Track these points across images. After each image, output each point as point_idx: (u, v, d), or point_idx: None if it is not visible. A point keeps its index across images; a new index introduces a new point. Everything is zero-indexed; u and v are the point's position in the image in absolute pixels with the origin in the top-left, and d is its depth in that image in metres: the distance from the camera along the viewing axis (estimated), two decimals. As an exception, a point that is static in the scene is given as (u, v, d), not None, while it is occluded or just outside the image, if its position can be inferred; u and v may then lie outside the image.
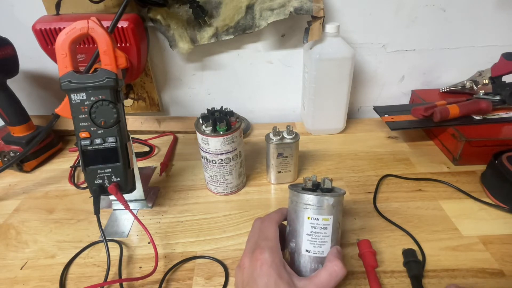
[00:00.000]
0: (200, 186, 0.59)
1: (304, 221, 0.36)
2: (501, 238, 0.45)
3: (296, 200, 0.37)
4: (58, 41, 0.38)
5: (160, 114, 0.80)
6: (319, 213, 0.35)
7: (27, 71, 0.73)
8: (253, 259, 0.34)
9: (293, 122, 0.80)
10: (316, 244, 0.36)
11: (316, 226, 0.36)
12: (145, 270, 0.43)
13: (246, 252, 0.36)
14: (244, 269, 0.34)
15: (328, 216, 0.36)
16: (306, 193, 0.36)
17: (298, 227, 0.36)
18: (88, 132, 0.40)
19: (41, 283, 0.42)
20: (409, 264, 0.41)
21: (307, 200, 0.36)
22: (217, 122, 0.49)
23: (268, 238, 0.36)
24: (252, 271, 0.33)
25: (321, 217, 0.35)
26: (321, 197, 0.35)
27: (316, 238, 0.36)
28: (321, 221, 0.35)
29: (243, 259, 0.35)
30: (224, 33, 0.66)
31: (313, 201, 0.36)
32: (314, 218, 0.35)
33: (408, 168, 0.60)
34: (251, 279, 0.33)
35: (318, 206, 0.35)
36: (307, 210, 0.36)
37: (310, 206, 0.36)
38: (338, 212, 0.36)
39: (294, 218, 0.37)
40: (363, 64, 0.74)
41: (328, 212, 0.36)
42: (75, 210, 0.54)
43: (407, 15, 0.68)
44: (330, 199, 0.35)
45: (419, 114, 0.65)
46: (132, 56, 0.58)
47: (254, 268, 0.33)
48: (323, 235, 0.36)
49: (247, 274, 0.34)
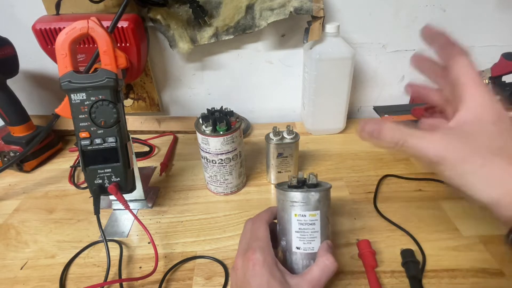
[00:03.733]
0: (200, 186, 0.59)
1: (292, 219, 0.36)
2: (501, 238, 0.45)
3: (282, 198, 0.37)
4: (58, 41, 0.38)
5: (160, 114, 0.80)
6: (305, 209, 0.36)
7: (27, 71, 0.73)
8: (245, 260, 0.34)
9: (293, 122, 0.80)
10: (306, 240, 0.36)
11: (303, 222, 0.36)
12: (145, 270, 0.43)
13: (239, 254, 0.36)
14: (237, 271, 0.35)
15: (315, 211, 0.36)
16: (291, 191, 0.36)
17: (287, 225, 0.37)
18: (88, 132, 0.40)
19: (41, 283, 0.42)
20: (407, 265, 0.41)
21: (292, 198, 0.36)
22: (217, 122, 0.49)
23: (259, 238, 0.36)
24: (245, 272, 0.34)
25: (308, 213, 0.36)
26: (305, 193, 0.36)
27: (305, 234, 0.36)
28: (308, 217, 0.36)
29: (236, 261, 0.36)
30: (224, 33, 0.66)
31: (298, 198, 0.36)
32: (301, 214, 0.36)
33: (408, 168, 0.60)
34: (244, 280, 0.33)
35: (304, 203, 0.36)
36: (293, 207, 0.36)
37: (296, 203, 0.36)
38: (325, 206, 0.37)
39: (282, 216, 0.37)
40: (363, 64, 0.74)
41: (314, 207, 0.36)
42: (75, 210, 0.54)
43: (407, 15, 0.68)
44: (315, 194, 0.36)
45: (419, 114, 0.65)
46: (132, 56, 0.58)
47: (246, 268, 0.33)
48: (312, 230, 0.36)
49: (240, 275, 0.34)
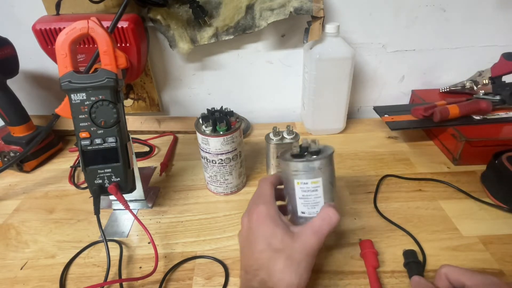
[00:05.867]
0: (200, 186, 0.59)
1: (295, 187, 0.37)
2: (501, 238, 0.45)
3: (285, 168, 0.38)
4: (58, 41, 0.38)
5: (160, 114, 0.80)
6: (307, 177, 0.36)
7: (27, 71, 0.73)
8: (250, 214, 0.36)
9: (293, 122, 0.80)
10: (309, 205, 0.37)
11: (306, 189, 0.37)
12: (145, 270, 0.43)
13: (245, 213, 0.38)
14: (243, 227, 0.37)
15: (317, 179, 0.36)
16: (292, 161, 0.37)
17: (291, 191, 0.38)
18: (88, 132, 0.40)
19: (41, 283, 0.42)
20: (409, 265, 0.41)
21: (294, 167, 0.37)
22: (217, 122, 0.49)
23: (262, 195, 0.37)
24: (249, 225, 0.35)
25: (310, 180, 0.36)
26: (306, 162, 0.36)
27: (309, 200, 0.37)
28: (310, 185, 0.36)
29: (242, 219, 0.38)
30: (224, 33, 0.66)
31: (300, 168, 0.36)
32: (304, 182, 0.36)
33: (408, 168, 0.60)
34: (249, 231, 0.35)
35: (305, 171, 0.36)
36: (296, 176, 0.37)
37: (298, 172, 0.36)
38: (327, 172, 0.37)
39: (287, 183, 0.38)
40: (363, 64, 0.74)
41: (315, 175, 0.36)
42: (75, 210, 0.54)
43: (407, 15, 0.68)
44: (316, 162, 0.36)
45: (419, 114, 0.65)
46: (132, 56, 0.58)
47: (251, 221, 0.35)
48: (315, 196, 0.37)
49: (245, 229, 0.36)
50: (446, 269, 0.32)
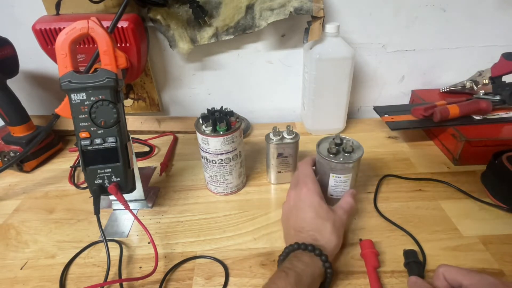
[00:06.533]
0: (200, 186, 0.59)
1: (330, 177, 0.47)
2: (501, 238, 0.45)
3: (322, 162, 0.47)
4: (58, 41, 0.38)
5: (160, 114, 0.80)
6: (341, 173, 0.47)
7: (27, 71, 0.73)
8: (298, 189, 0.45)
9: (293, 122, 0.80)
10: (338, 191, 0.49)
11: (338, 181, 0.47)
12: (145, 270, 0.43)
13: (290, 188, 0.48)
14: (290, 199, 0.46)
15: (348, 174, 0.47)
16: (331, 160, 0.46)
17: (326, 179, 0.48)
18: (88, 132, 0.40)
19: (41, 283, 0.42)
20: (410, 265, 0.41)
21: (332, 165, 0.46)
22: (217, 122, 0.49)
23: (307, 175, 0.46)
24: (298, 196, 0.44)
25: (343, 175, 0.47)
26: (343, 164, 0.46)
27: (338, 187, 0.48)
28: (342, 178, 0.47)
29: (289, 193, 0.47)
30: (224, 33, 0.66)
31: (337, 167, 0.46)
32: (337, 176, 0.47)
33: (408, 168, 0.60)
34: (298, 201, 0.44)
35: (341, 169, 0.46)
36: (332, 171, 0.47)
37: (334, 169, 0.47)
38: (356, 169, 0.47)
39: (322, 172, 0.48)
40: (363, 64, 0.74)
41: (348, 172, 0.47)
42: (75, 210, 0.54)
43: (407, 15, 0.68)
44: (351, 164, 0.46)
45: (419, 114, 0.65)
46: (132, 56, 0.58)
47: (300, 193, 0.44)
48: (344, 186, 0.48)
49: (293, 200, 0.45)
50: (444, 269, 0.33)
